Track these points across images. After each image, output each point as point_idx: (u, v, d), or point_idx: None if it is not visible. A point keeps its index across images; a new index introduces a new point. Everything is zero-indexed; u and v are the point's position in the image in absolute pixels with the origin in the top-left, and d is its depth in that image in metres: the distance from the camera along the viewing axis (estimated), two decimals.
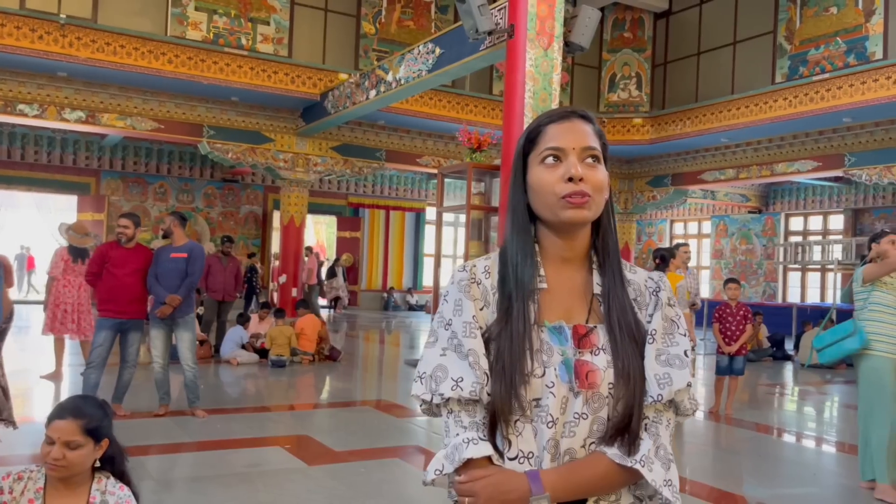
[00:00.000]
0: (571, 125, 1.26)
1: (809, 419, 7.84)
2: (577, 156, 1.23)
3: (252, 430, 5.79)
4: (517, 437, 1.19)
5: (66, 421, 2.10)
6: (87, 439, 2.11)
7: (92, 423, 2.13)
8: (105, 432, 2.17)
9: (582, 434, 1.19)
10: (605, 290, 1.26)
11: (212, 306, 9.16)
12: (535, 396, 1.19)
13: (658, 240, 20.39)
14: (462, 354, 1.21)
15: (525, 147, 1.30)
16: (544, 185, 1.23)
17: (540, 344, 1.21)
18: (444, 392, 1.20)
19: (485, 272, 1.29)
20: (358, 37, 12.86)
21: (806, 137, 12.47)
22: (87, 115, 11.19)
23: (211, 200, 16.78)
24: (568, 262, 1.28)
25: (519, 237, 1.28)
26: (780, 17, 12.45)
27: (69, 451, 2.07)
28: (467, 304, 1.25)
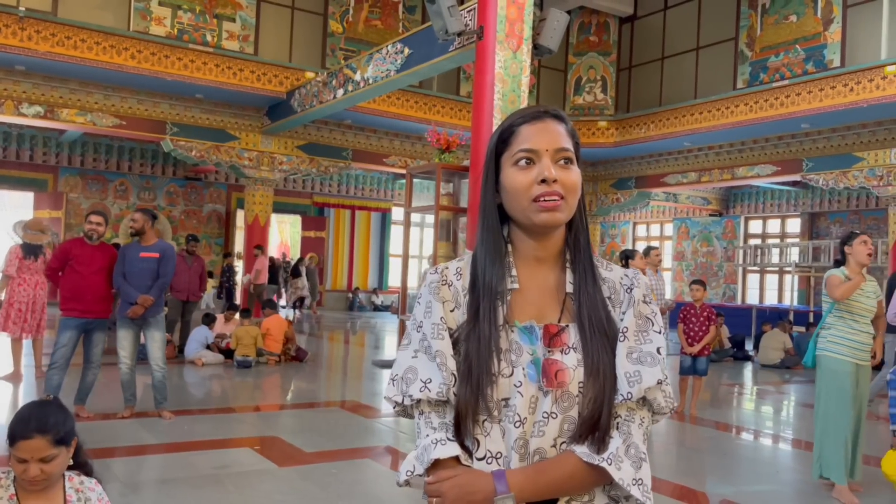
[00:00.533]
0: (544, 126, 1.25)
1: (769, 418, 8.02)
2: (550, 157, 1.22)
3: (220, 431, 5.71)
4: (485, 437, 1.19)
5: (34, 440, 2.04)
6: (60, 448, 2.07)
7: (60, 432, 2.08)
8: (72, 434, 2.13)
9: (552, 433, 1.18)
10: (577, 289, 1.25)
11: (176, 306, 9.02)
12: (503, 396, 1.19)
13: (621, 241, 20.65)
14: (431, 356, 1.22)
15: (497, 147, 1.28)
16: (517, 188, 1.22)
17: (509, 344, 1.21)
18: (413, 394, 1.21)
19: (456, 274, 1.29)
20: (325, 35, 12.79)
21: (766, 142, 12.76)
22: (46, 110, 10.93)
23: (173, 199, 16.52)
24: (541, 262, 1.28)
25: (489, 238, 1.28)
26: (742, 25, 12.73)
27: (46, 466, 2.04)
28: (436, 306, 1.25)
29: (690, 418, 7.15)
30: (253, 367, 8.68)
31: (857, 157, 11.63)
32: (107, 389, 6.48)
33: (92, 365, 5.69)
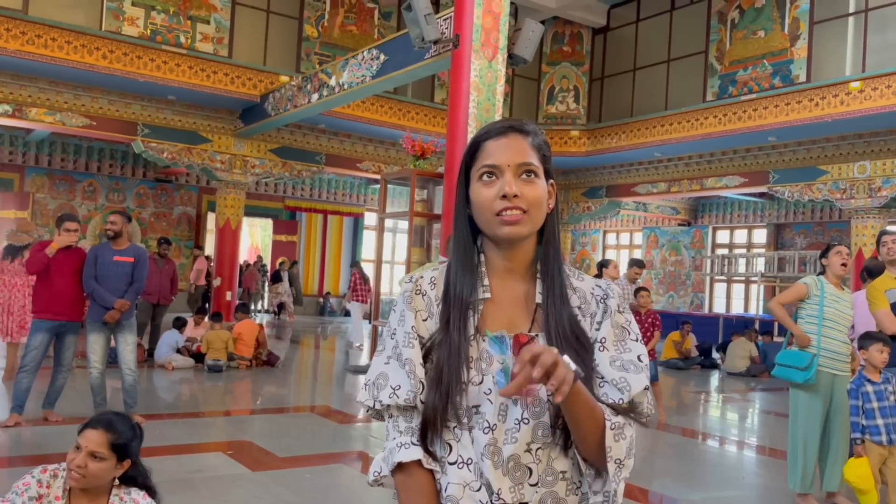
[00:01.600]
0: (508, 141, 1.27)
1: (734, 425, 8.18)
2: (512, 172, 1.25)
3: (191, 435, 5.68)
4: (457, 442, 1.23)
5: (97, 432, 2.19)
6: (112, 454, 2.19)
7: (120, 439, 2.21)
8: (131, 454, 2.26)
9: (524, 439, 1.21)
10: (545, 299, 1.28)
11: (146, 309, 8.93)
12: (474, 404, 1.23)
13: (591, 249, 20.86)
14: (401, 363, 1.26)
15: (467, 161, 1.32)
16: (481, 202, 1.26)
17: (479, 353, 1.24)
18: (382, 399, 1.26)
19: (431, 283, 1.32)
20: (300, 39, 12.77)
21: (734, 154, 13.00)
22: (14, 109, 10.75)
23: (143, 200, 16.33)
24: (512, 273, 1.31)
25: (461, 249, 1.32)
26: (712, 39, 12.97)
27: (92, 462, 2.16)
28: (409, 315, 1.29)
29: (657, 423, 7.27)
30: (224, 371, 8.63)
31: (822, 171, 11.91)
32: (76, 393, 6.40)
33: (63, 368, 5.62)
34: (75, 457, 2.16)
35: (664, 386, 10.26)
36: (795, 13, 11.67)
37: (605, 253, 20.46)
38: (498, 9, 8.09)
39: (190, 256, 16.58)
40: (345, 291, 19.48)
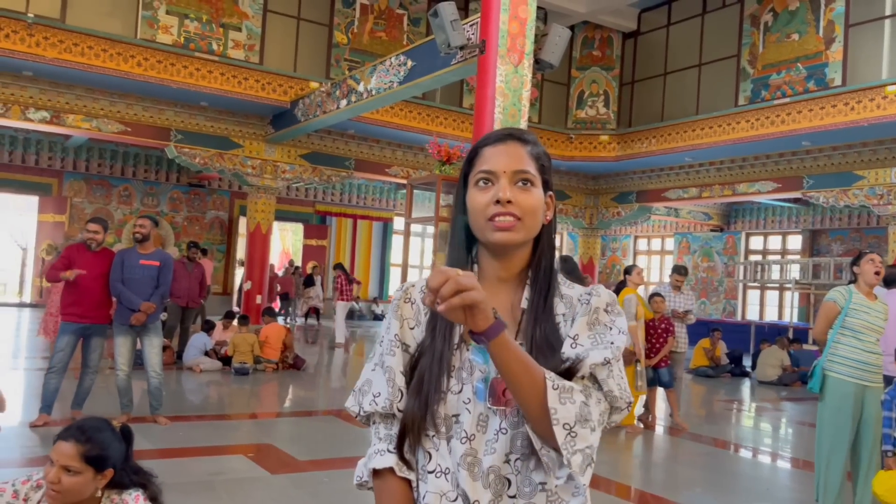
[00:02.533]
0: (506, 148, 1.27)
1: (765, 435, 8.03)
2: (508, 179, 1.24)
3: (214, 437, 5.75)
4: (435, 451, 1.23)
5: (67, 444, 2.03)
6: (87, 467, 2.03)
7: (94, 450, 2.04)
8: (110, 463, 2.09)
9: (503, 450, 1.19)
10: (529, 305, 1.26)
11: (175, 312, 9.07)
12: (453, 413, 1.22)
13: (622, 255, 20.68)
14: (384, 371, 1.27)
15: (465, 168, 1.32)
16: (476, 207, 1.25)
17: (462, 362, 1.23)
18: (365, 406, 1.28)
19: (421, 292, 1.30)
20: (330, 46, 12.89)
21: (766, 159, 12.80)
22: (52, 116, 11.03)
23: (176, 205, 16.61)
24: (504, 282, 1.29)
25: (454, 257, 1.32)
26: (744, 42, 12.80)
27: (66, 476, 2.00)
28: (394, 323, 1.29)
29: (677, 430, 7.19)
30: (250, 374, 8.72)
31: (858, 176, 11.67)
32: (104, 395, 6.52)
33: (90, 370, 5.73)
34: (49, 471, 2.01)
35: (693, 394, 10.13)
36: (830, 16, 11.46)
37: (636, 259, 20.28)
38: (524, 14, 8.08)
39: (222, 260, 16.82)
40: (374, 295, 19.60)
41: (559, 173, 15.47)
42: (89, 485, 2.05)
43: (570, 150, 14.18)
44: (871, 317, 4.55)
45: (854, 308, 4.54)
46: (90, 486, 2.06)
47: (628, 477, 5.75)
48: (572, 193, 16.03)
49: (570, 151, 14.18)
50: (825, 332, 4.66)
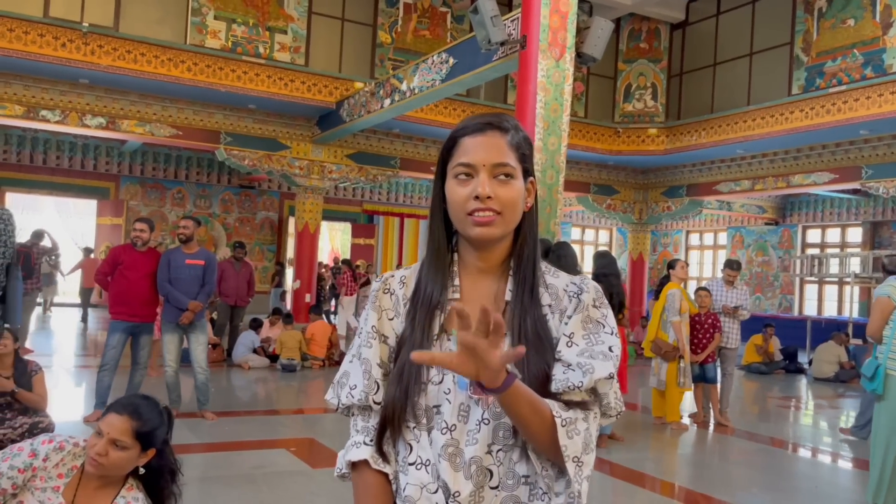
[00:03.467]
0: (485, 139, 1.23)
1: (819, 433, 7.79)
2: (487, 172, 1.21)
3: (259, 432, 5.86)
4: (416, 443, 1.21)
5: (121, 417, 2.01)
6: (135, 443, 2.02)
7: (145, 427, 2.04)
8: (155, 442, 2.09)
9: (485, 440, 1.18)
10: (513, 297, 1.24)
11: (224, 311, 9.28)
12: (433, 403, 1.21)
13: (673, 251, 20.30)
14: (360, 362, 1.26)
15: (443, 157, 1.29)
16: (455, 201, 1.23)
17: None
18: (342, 398, 1.27)
19: (401, 282, 1.30)
20: (374, 46, 12.99)
21: (822, 149, 12.40)
22: (108, 122, 11.38)
23: (228, 206, 16.97)
24: (484, 273, 1.28)
25: (432, 247, 1.30)
26: (798, 29, 12.42)
27: (113, 450, 1.99)
28: (372, 314, 1.28)
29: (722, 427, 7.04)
30: (297, 371, 8.86)
31: None
32: (153, 391, 6.70)
33: (139, 366, 5.91)
34: (96, 443, 1.98)
35: (746, 391, 9.89)
36: (887, 0, 11.03)
37: (688, 254, 19.89)
38: (565, 8, 7.99)
39: (272, 260, 17.12)
40: None
41: (606, 167, 15.28)
42: (132, 462, 2.04)
43: (617, 145, 13.98)
44: None
45: None
46: (132, 463, 2.05)
47: (675, 475, 5.65)
48: (620, 188, 15.82)
49: (617, 146, 13.98)
50: (881, 330, 4.45)
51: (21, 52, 9.60)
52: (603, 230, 20.66)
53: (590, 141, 13.60)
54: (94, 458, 1.98)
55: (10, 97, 10.57)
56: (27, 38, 9.66)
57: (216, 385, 7.19)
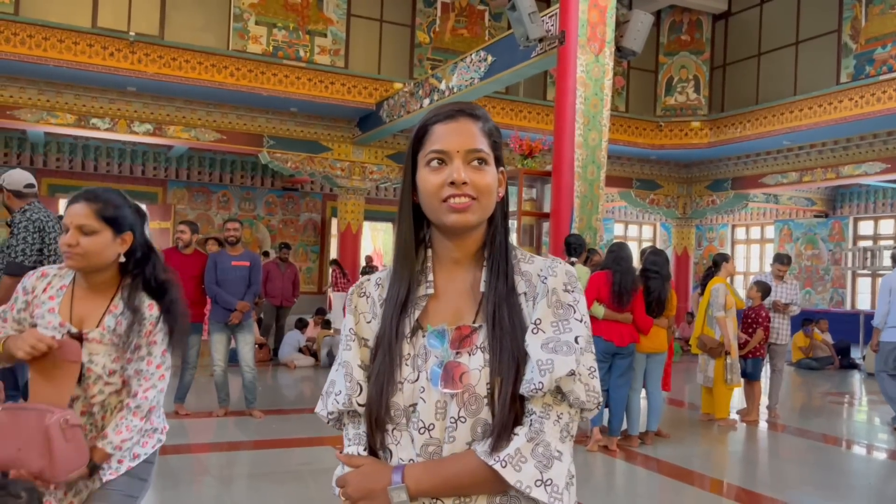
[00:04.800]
0: (458, 126, 1.21)
1: (873, 429, 7.58)
2: (461, 159, 1.19)
3: (306, 430, 5.95)
4: (396, 445, 1.19)
5: (79, 205, 1.97)
6: (103, 226, 1.97)
7: (107, 210, 1.98)
8: (127, 225, 2.03)
9: (462, 438, 1.15)
10: (488, 287, 1.21)
11: (270, 311, 9.43)
12: (409, 403, 1.18)
13: (719, 245, 19.94)
14: (342, 367, 1.24)
15: (414, 146, 1.25)
16: (428, 189, 1.20)
17: (417, 349, 1.19)
18: (329, 406, 1.23)
19: (376, 285, 1.29)
20: (412, 46, 13.06)
21: (874, 139, 12.07)
22: (155, 128, 11.66)
23: (271, 208, 17.22)
24: (459, 264, 1.25)
25: (401, 241, 1.26)
26: (845, 16, 12.11)
27: (83, 237, 1.94)
28: (349, 317, 1.27)
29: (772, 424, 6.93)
30: None
31: None
32: (203, 390, 6.86)
33: (189, 366, 6.05)
34: (66, 236, 1.95)
35: (794, 387, 9.69)
36: None
37: (734, 249, 19.53)
38: (604, 2, 7.94)
39: (316, 261, 17.30)
40: None
41: (649, 162, 15.10)
42: (109, 246, 1.99)
43: (659, 139, 13.80)
44: None
45: None
46: (111, 248, 1.99)
47: (723, 472, 5.57)
48: (663, 183, 15.61)
49: (659, 140, 13.81)
50: None
51: (71, 62, 9.89)
52: (647, 226, 20.40)
53: (631, 136, 13.45)
54: (67, 251, 1.95)
55: (62, 106, 10.90)
56: (77, 49, 9.95)
57: (263, 384, 7.32)
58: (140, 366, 2.02)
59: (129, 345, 1.99)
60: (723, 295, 6.67)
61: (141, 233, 2.08)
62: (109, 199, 2.01)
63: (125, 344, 1.99)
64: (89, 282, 2.03)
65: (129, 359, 2.01)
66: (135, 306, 2.01)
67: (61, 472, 1.87)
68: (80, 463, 1.92)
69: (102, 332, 1.99)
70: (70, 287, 2.05)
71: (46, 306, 2.02)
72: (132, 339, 1.99)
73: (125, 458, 2.05)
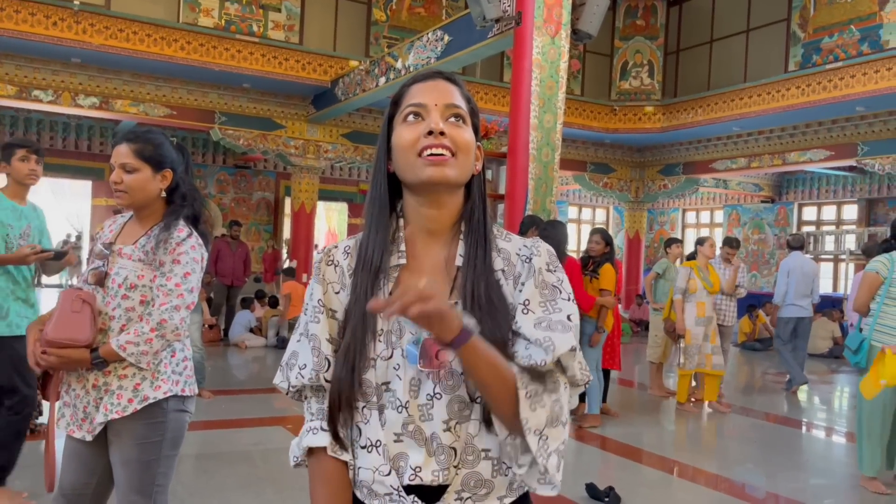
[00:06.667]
0: (435, 84, 1.20)
1: (812, 407, 7.85)
2: (439, 112, 1.16)
3: (256, 410, 5.90)
4: (365, 424, 1.15)
5: (121, 146, 2.18)
6: (143, 164, 2.16)
7: (146, 149, 2.18)
8: (166, 163, 2.22)
9: (440, 416, 1.11)
10: (465, 262, 1.17)
11: (221, 291, 9.28)
12: (383, 380, 1.14)
13: (670, 229, 20.31)
14: (308, 339, 1.19)
15: (391, 111, 1.23)
16: (404, 144, 1.16)
17: (390, 324, 1.15)
18: (291, 380, 1.19)
19: (345, 253, 1.23)
20: (369, 24, 12.90)
21: (819, 126, 12.39)
22: (101, 102, 11.31)
23: (223, 186, 16.90)
24: (434, 236, 1.21)
25: (375, 210, 1.22)
26: (795, 5, 12.35)
27: (126, 175, 2.16)
28: (317, 288, 1.21)
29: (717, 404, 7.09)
30: None
31: None
32: None
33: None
34: (112, 175, 2.20)
35: (739, 367, 9.95)
36: None
37: (685, 232, 19.90)
38: None
39: (269, 240, 17.09)
40: None
41: (603, 146, 15.25)
42: (150, 182, 2.19)
43: (614, 123, 13.94)
44: None
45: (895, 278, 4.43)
46: (151, 184, 2.19)
47: (669, 450, 5.70)
48: (617, 167, 15.79)
49: (614, 124, 13.94)
50: (867, 304, 4.56)
51: (12, 31, 9.51)
52: (600, 209, 20.65)
53: (586, 119, 13.56)
54: (115, 188, 2.18)
55: (2, 77, 10.49)
56: (18, 17, 9.56)
57: (213, 364, 7.22)
58: (161, 281, 2.13)
59: (156, 261, 2.13)
60: (684, 278, 6.72)
61: (183, 171, 2.28)
62: (149, 139, 2.21)
63: (152, 260, 2.14)
64: (139, 216, 2.24)
65: (154, 276, 2.14)
66: (167, 227, 2.17)
67: (59, 333, 2.02)
68: (79, 336, 2.04)
69: (134, 248, 2.16)
70: (125, 221, 2.28)
71: (104, 237, 2.25)
72: (159, 254, 2.13)
73: (135, 397, 2.10)
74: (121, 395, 2.08)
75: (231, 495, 3.88)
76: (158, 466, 2.13)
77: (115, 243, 2.19)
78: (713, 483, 4.67)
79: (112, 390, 2.09)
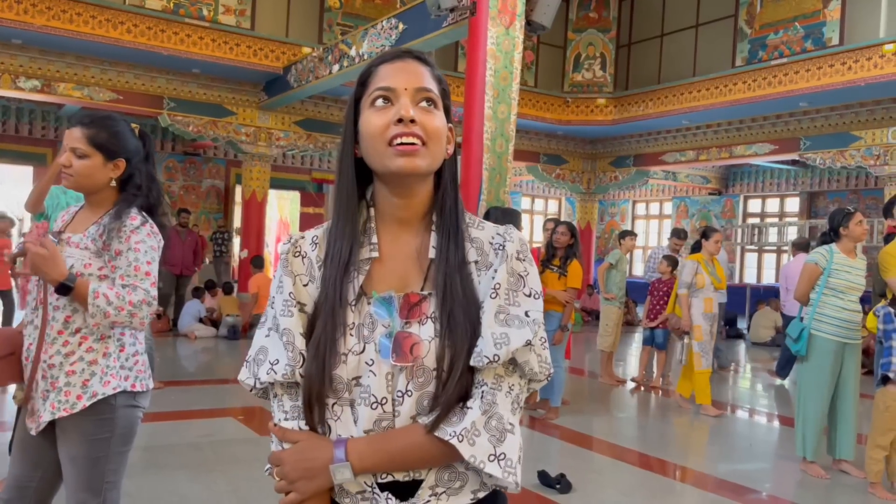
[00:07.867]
0: (405, 65, 1.14)
1: (753, 394, 8.09)
2: (409, 97, 1.11)
3: (206, 401, 5.82)
4: (335, 421, 1.10)
5: (74, 128, 2.11)
6: (94, 151, 2.08)
7: (100, 136, 2.09)
8: (120, 152, 2.13)
9: (407, 412, 1.07)
10: (438, 253, 1.13)
11: (169, 280, 9.11)
12: (354, 375, 1.09)
13: (621, 220, 20.65)
14: (280, 334, 1.13)
15: (357, 92, 1.17)
16: (372, 131, 1.10)
17: (362, 318, 1.11)
18: (261, 376, 1.13)
19: (312, 244, 1.19)
20: (322, 10, 12.74)
21: (764, 121, 12.72)
22: (43, 84, 10.95)
23: (172, 174, 16.54)
24: (405, 225, 1.17)
25: (343, 199, 1.17)
26: (742, 1, 12.63)
27: (75, 160, 2.08)
28: (286, 280, 1.16)
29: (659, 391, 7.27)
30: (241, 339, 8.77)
31: (855, 136, 11.59)
32: None
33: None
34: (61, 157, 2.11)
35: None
36: None
37: (635, 224, 20.25)
38: None
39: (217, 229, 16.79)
40: None
41: (556, 137, 15.39)
42: (99, 171, 2.11)
43: (566, 114, 14.07)
44: (853, 276, 4.62)
45: (836, 268, 4.61)
46: (101, 172, 2.11)
47: (619, 437, 5.81)
48: (569, 158, 15.96)
49: (566, 115, 14.08)
50: (807, 294, 4.74)
51: None
52: (552, 200, 20.85)
53: (539, 110, 13.65)
54: (63, 171, 2.10)
55: None
56: None
57: (162, 355, 7.08)
58: (121, 264, 2.05)
59: (110, 250, 2.05)
60: (691, 273, 6.44)
61: (141, 160, 2.19)
62: (105, 125, 2.12)
63: (105, 246, 2.05)
64: (89, 201, 2.16)
65: (112, 266, 2.06)
66: (118, 215, 2.09)
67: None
68: None
69: (83, 237, 2.07)
70: (77, 209, 2.21)
71: (56, 225, 2.19)
72: (113, 244, 2.05)
73: (84, 394, 2.02)
74: (69, 392, 2.01)
75: (181, 486, 3.83)
76: (108, 463, 2.08)
77: (63, 231, 2.13)
78: (661, 468, 4.78)
79: (59, 387, 2.02)
